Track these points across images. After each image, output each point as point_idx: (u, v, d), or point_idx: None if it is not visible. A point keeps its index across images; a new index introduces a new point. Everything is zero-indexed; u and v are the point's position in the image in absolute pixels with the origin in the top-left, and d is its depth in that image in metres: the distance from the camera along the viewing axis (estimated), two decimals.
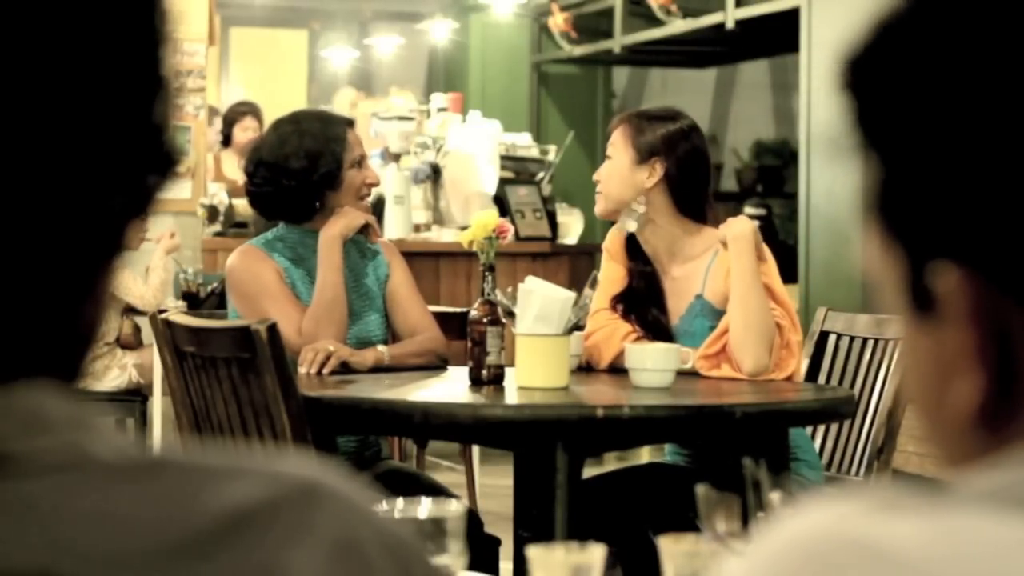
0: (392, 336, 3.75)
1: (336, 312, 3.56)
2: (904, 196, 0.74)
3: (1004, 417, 0.73)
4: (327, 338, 3.50)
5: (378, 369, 3.53)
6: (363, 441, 3.67)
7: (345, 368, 3.48)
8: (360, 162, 3.68)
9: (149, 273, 5.93)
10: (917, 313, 0.75)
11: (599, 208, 3.68)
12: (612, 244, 3.72)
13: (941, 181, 0.72)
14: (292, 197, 3.64)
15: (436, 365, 3.67)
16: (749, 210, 9.66)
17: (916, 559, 0.67)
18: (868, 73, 0.76)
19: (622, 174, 3.60)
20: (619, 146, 3.63)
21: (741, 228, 3.49)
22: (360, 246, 3.77)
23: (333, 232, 3.62)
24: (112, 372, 5.92)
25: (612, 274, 3.69)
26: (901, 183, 0.74)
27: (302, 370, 3.45)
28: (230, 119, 8.42)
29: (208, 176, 8.45)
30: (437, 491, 3.53)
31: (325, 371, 3.44)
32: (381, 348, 3.61)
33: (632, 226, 3.60)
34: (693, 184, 3.60)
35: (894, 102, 0.74)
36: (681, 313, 3.60)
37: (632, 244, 3.67)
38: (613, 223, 3.70)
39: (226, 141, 8.40)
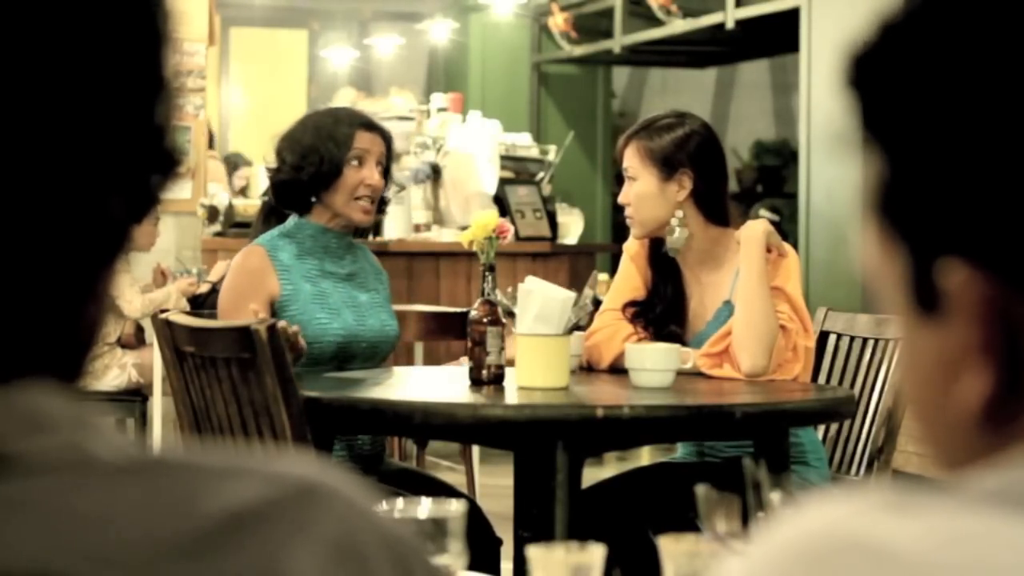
0: None
1: None
2: (910, 193, 0.73)
3: (1010, 414, 0.73)
4: None
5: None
6: (374, 440, 3.67)
7: None
8: (361, 161, 3.61)
9: (153, 291, 5.95)
10: (920, 311, 0.75)
11: (636, 233, 3.61)
12: (634, 248, 3.67)
13: (948, 177, 0.72)
14: (286, 189, 3.64)
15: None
16: (764, 213, 9.65)
17: (919, 560, 0.67)
18: (873, 70, 0.75)
19: (653, 194, 3.54)
20: (638, 166, 3.56)
21: (753, 230, 3.49)
22: (359, 252, 3.76)
23: None
24: (112, 372, 5.91)
25: (630, 278, 3.65)
26: (906, 180, 0.74)
27: None
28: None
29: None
30: (452, 495, 3.52)
31: None
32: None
33: (680, 243, 3.55)
34: (718, 187, 3.58)
35: (900, 98, 0.74)
36: (708, 318, 3.58)
37: (656, 252, 3.63)
38: (616, 224, 3.67)
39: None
